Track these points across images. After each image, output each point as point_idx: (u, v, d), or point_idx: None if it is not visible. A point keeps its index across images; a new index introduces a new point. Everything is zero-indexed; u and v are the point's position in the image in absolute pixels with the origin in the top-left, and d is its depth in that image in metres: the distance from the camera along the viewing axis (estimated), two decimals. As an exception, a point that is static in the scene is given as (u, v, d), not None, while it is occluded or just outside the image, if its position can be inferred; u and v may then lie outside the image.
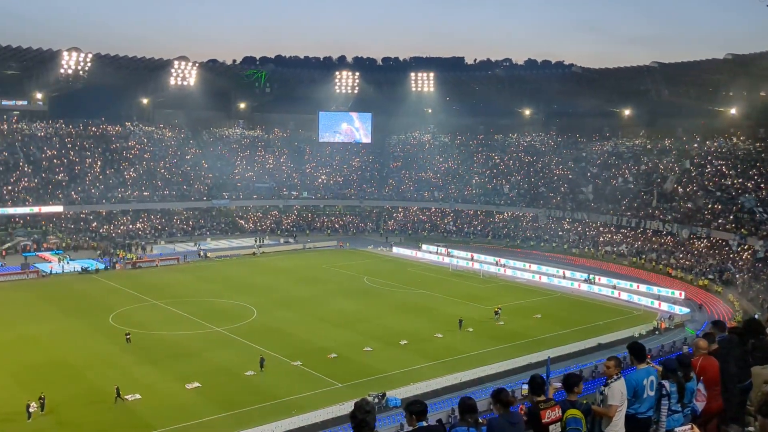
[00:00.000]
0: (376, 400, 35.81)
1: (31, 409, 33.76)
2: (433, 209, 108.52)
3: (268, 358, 42.98)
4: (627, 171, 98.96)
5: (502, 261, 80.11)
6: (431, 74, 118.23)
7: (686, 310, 60.35)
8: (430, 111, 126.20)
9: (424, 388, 38.68)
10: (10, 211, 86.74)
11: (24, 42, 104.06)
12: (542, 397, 7.55)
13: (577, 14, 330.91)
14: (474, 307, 58.07)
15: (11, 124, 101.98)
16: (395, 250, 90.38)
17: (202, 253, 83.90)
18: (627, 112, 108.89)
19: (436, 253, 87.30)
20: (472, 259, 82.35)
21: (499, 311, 56.00)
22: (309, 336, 49.56)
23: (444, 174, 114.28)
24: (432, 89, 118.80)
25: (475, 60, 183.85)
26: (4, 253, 79.84)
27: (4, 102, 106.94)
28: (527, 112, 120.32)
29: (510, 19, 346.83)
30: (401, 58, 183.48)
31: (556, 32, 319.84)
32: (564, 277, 72.32)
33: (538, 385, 7.66)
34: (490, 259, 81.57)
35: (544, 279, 73.37)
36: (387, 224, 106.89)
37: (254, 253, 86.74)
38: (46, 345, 46.28)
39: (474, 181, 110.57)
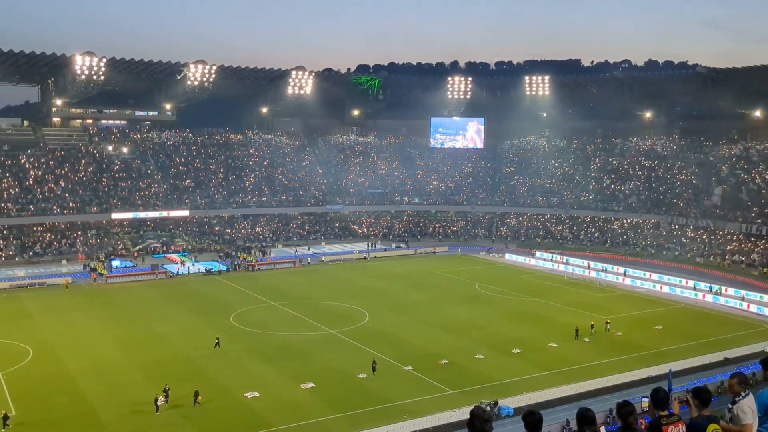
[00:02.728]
0: (488, 409, 35.42)
1: (158, 403, 35.80)
2: (548, 215, 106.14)
3: (380, 362, 43.46)
4: (758, 176, 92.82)
5: (620, 269, 77.16)
6: (546, 77, 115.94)
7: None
8: (544, 115, 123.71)
9: (538, 398, 37.86)
10: (142, 215, 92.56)
11: (154, 56, 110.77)
12: (665, 412, 7.24)
13: (700, 12, 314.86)
14: (590, 317, 56.22)
15: (143, 133, 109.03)
16: (508, 256, 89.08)
17: (304, 260, 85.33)
18: (757, 113, 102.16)
19: (551, 260, 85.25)
20: (588, 267, 79.82)
21: (608, 325, 53.44)
22: (420, 341, 49.70)
23: (559, 179, 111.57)
24: (547, 92, 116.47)
25: (591, 62, 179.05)
26: (136, 254, 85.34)
27: (137, 113, 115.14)
28: (648, 114, 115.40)
29: (628, 19, 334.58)
30: (515, 62, 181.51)
31: (678, 31, 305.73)
32: (688, 287, 68.65)
33: (661, 399, 7.36)
34: (608, 267, 78.78)
35: (666, 289, 69.97)
36: (499, 230, 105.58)
37: (365, 258, 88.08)
38: (172, 341, 48.97)
39: (591, 186, 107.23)
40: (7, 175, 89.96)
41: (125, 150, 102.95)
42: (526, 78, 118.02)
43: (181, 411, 36.04)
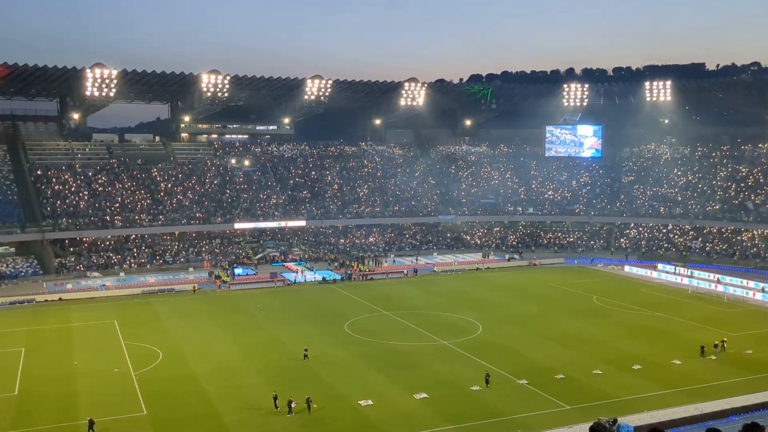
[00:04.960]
0: (607, 426, 34.25)
1: (292, 405, 37.19)
2: (671, 226, 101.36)
3: (493, 375, 43.03)
4: None
5: (751, 283, 72.54)
6: (667, 82, 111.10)
7: None
8: (666, 121, 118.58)
9: (660, 416, 36.18)
10: (262, 224, 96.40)
11: (273, 72, 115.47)
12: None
13: None
14: (717, 333, 53.18)
15: (263, 146, 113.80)
16: (627, 269, 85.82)
17: (412, 271, 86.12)
18: None
19: (674, 273, 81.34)
20: (715, 280, 75.57)
21: (724, 344, 49.90)
22: (535, 355, 48.79)
23: (682, 188, 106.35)
24: (668, 98, 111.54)
25: (717, 65, 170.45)
26: (256, 262, 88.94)
27: (258, 127, 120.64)
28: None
29: (758, 18, 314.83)
30: (633, 68, 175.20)
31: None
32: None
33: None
34: (737, 281, 74.27)
35: (804, 306, 65.10)
36: (618, 241, 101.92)
37: (478, 269, 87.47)
38: (289, 347, 50.60)
39: (717, 195, 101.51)
40: (141, 187, 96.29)
41: (247, 163, 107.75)
42: (646, 83, 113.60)
43: (298, 416, 37.16)
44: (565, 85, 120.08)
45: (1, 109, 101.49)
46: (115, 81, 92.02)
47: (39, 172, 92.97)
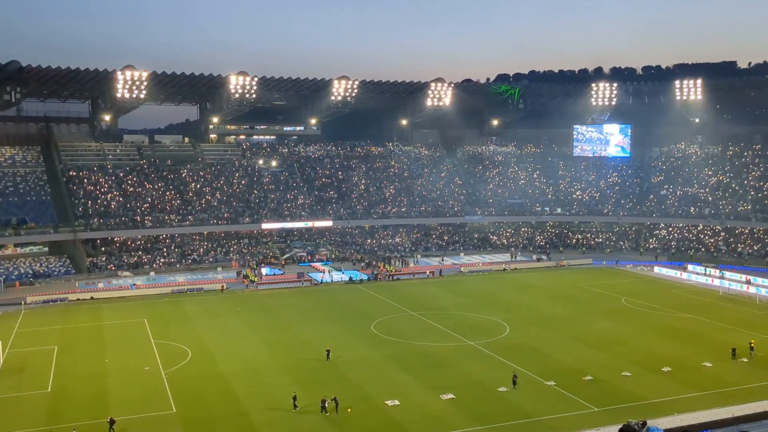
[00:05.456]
0: (636, 428, 33.91)
1: (326, 405, 37.40)
2: (701, 226, 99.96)
3: (521, 376, 42.85)
4: None
5: (785, 286, 71.27)
6: (698, 81, 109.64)
7: None
8: (696, 121, 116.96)
9: (691, 419, 35.73)
10: (289, 225, 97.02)
11: (300, 74, 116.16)
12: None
13: None
14: (748, 335, 52.35)
15: (291, 147, 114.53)
16: (657, 270, 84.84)
17: (433, 273, 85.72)
18: None
19: (705, 274, 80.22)
20: (747, 282, 74.37)
21: (752, 346, 48.98)
22: (563, 356, 48.47)
23: (713, 188, 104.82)
24: (699, 97, 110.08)
25: (749, 63, 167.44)
26: (283, 262, 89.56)
27: (285, 128, 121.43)
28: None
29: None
30: (663, 66, 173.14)
31: None
32: None
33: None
34: (770, 283, 73.01)
35: (839, 308, 63.79)
36: (647, 242, 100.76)
37: (504, 269, 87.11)
38: (316, 347, 50.82)
39: (749, 195, 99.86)
40: (170, 187, 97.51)
41: (274, 163, 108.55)
42: (676, 82, 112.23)
43: (326, 416, 37.35)
44: (594, 84, 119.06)
45: (35, 111, 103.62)
46: (145, 83, 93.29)
47: (71, 173, 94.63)
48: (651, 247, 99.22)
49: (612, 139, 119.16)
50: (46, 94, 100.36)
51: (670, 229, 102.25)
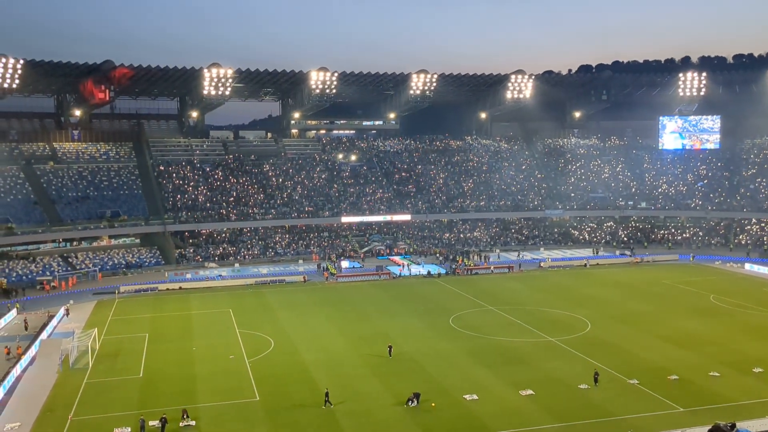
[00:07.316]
0: (726, 430, 32.79)
1: (411, 404, 37.84)
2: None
3: (602, 373, 42.09)
4: None
5: None
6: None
7: None
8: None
9: (783, 424, 34.32)
10: (368, 218, 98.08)
11: (380, 68, 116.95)
12: None
13: None
14: None
15: (369, 141, 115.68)
16: (748, 267, 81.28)
17: (523, 265, 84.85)
18: None
19: (801, 272, 76.36)
20: None
21: None
22: (647, 354, 47.26)
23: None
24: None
25: None
26: (362, 255, 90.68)
27: (365, 123, 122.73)
28: None
29: None
30: (756, 54, 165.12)
31: None
32: None
33: None
34: None
35: None
36: (738, 238, 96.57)
37: (585, 265, 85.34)
38: (395, 340, 51.35)
39: None
40: (254, 182, 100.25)
41: (353, 158, 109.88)
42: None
43: (405, 408, 37.78)
44: (681, 74, 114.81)
45: (126, 108, 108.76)
46: (230, 80, 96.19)
47: (161, 168, 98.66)
48: (742, 243, 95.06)
49: (700, 132, 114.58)
50: (138, 92, 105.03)
51: (763, 224, 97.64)
